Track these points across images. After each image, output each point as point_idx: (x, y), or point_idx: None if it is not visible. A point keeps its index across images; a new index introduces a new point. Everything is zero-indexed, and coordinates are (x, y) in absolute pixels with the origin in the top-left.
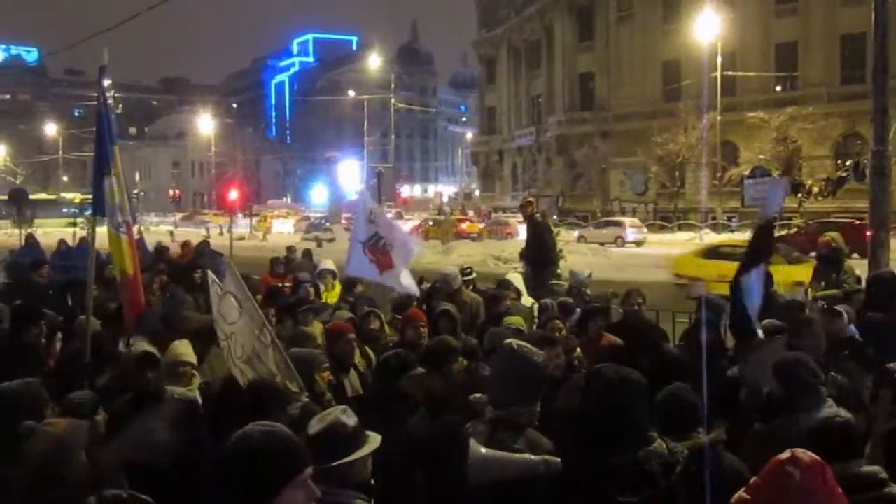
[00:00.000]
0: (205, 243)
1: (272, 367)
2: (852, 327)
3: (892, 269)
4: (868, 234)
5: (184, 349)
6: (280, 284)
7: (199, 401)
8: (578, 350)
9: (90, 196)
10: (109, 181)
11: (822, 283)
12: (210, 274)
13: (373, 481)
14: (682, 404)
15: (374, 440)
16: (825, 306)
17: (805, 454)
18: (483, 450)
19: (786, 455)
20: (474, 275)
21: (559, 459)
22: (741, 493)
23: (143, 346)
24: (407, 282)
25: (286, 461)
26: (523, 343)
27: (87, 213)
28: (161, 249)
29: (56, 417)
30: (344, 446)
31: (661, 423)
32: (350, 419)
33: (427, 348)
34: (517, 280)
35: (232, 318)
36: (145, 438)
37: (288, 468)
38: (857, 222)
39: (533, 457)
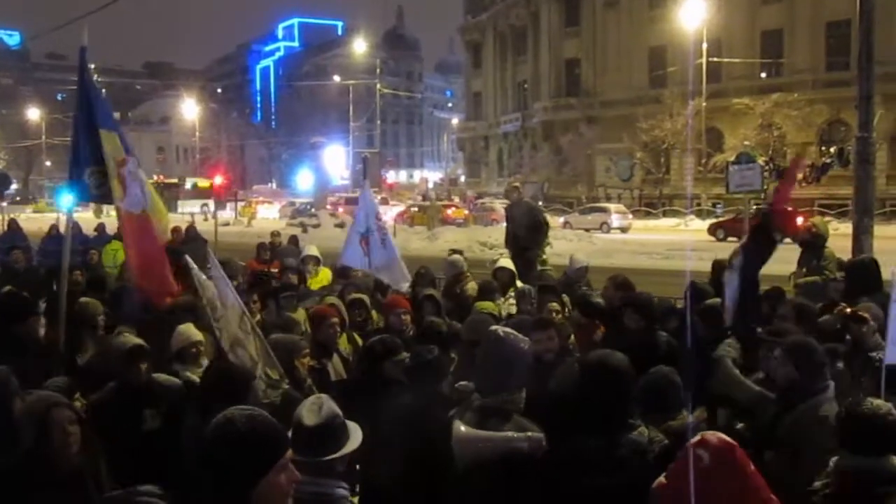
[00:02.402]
0: (191, 228)
1: (253, 353)
2: (878, 336)
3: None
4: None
5: (191, 330)
6: (265, 270)
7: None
8: (572, 336)
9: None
10: (94, 168)
11: (804, 270)
12: (189, 261)
13: (357, 466)
14: (667, 386)
15: (356, 429)
16: (848, 311)
17: (714, 436)
18: (463, 428)
19: (696, 438)
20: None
21: (542, 436)
22: (661, 478)
23: (130, 337)
24: (395, 276)
25: (270, 445)
26: (509, 330)
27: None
28: None
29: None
30: (338, 437)
31: (646, 404)
32: (336, 408)
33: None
34: (510, 264)
35: (218, 306)
36: None
37: (272, 452)
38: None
39: (516, 434)
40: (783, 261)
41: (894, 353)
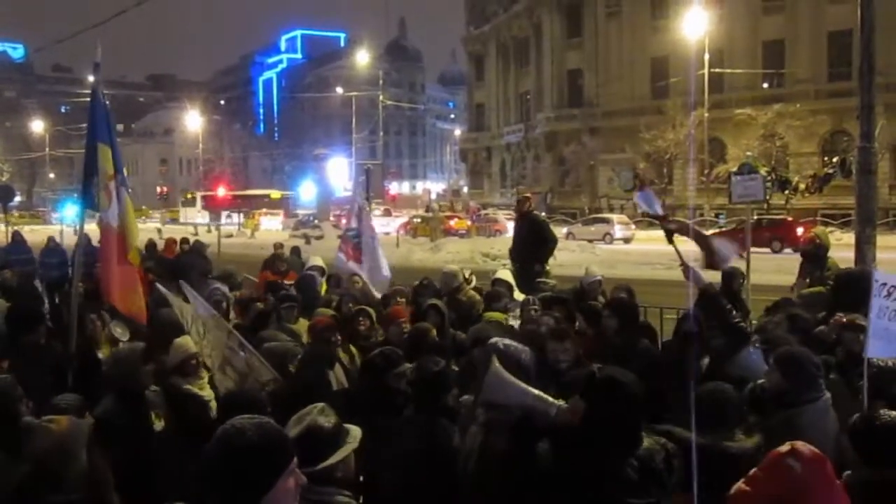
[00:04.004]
0: (186, 240)
1: (243, 368)
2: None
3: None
4: (799, 231)
5: (189, 342)
6: (279, 282)
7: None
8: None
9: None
10: (94, 179)
11: (807, 280)
12: (160, 288)
13: (361, 478)
14: (726, 402)
15: (355, 437)
16: (845, 320)
17: (805, 447)
18: (504, 372)
19: (786, 448)
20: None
21: (569, 408)
22: (740, 484)
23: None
24: (376, 277)
25: (280, 451)
26: (509, 341)
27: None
28: (150, 246)
29: (29, 413)
30: (324, 447)
31: (705, 420)
32: (328, 418)
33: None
34: (508, 276)
35: (201, 332)
36: None
37: (283, 458)
38: (790, 219)
39: (548, 397)
40: (785, 271)
41: (875, 347)
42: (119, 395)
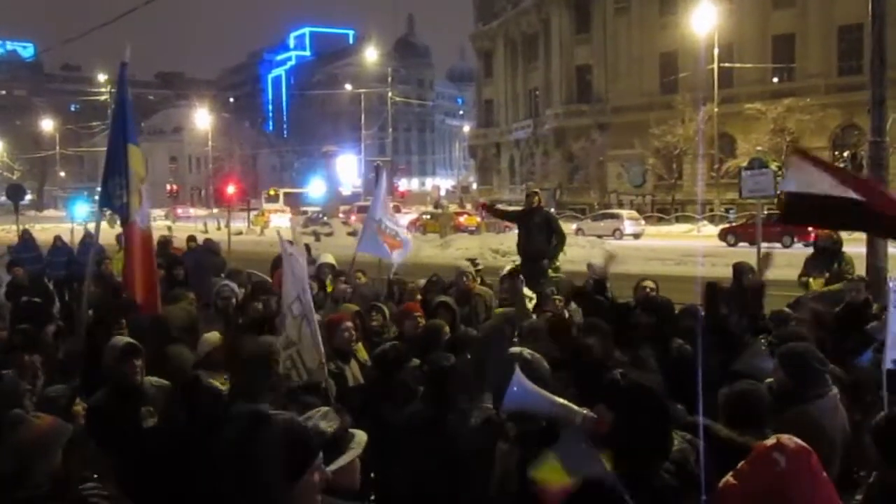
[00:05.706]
0: (191, 238)
1: (294, 336)
2: None
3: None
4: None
5: (216, 336)
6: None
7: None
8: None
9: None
10: (118, 180)
11: (826, 275)
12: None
13: (373, 474)
14: (758, 401)
15: (359, 443)
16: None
17: (791, 440)
18: (527, 381)
19: (771, 441)
20: (481, 266)
21: (596, 417)
22: (728, 477)
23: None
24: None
25: (308, 446)
26: (531, 350)
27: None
28: (164, 243)
29: (33, 408)
30: (326, 453)
31: (730, 418)
32: (330, 424)
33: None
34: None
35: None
36: None
37: (311, 452)
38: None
39: (575, 406)
40: (796, 266)
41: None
42: (111, 387)
